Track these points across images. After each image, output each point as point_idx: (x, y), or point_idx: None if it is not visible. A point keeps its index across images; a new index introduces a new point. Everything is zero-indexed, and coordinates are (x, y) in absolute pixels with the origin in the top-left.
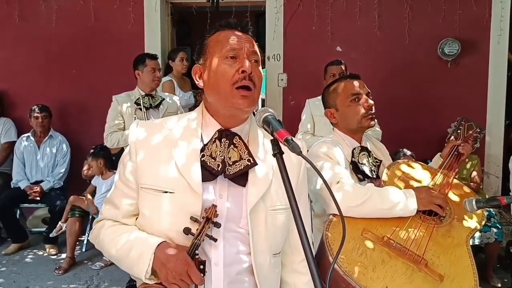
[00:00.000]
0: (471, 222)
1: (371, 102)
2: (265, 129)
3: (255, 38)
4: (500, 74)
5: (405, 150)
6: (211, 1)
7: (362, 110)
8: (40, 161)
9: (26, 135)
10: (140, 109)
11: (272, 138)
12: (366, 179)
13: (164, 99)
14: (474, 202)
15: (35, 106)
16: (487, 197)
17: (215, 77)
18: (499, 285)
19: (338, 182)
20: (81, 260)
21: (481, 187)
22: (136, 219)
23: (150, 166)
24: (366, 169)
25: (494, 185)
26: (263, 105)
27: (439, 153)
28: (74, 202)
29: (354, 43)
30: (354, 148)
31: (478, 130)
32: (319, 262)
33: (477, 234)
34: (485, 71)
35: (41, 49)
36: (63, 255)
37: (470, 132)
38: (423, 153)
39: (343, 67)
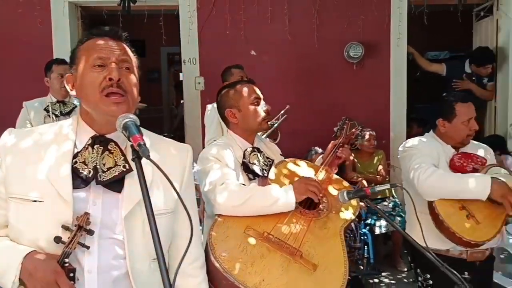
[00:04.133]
0: (347, 213)
1: (269, 107)
2: (124, 134)
3: (129, 45)
4: (401, 74)
5: (316, 148)
6: (122, 5)
7: (263, 113)
8: None
9: None
10: (49, 116)
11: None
12: (256, 178)
13: (76, 106)
14: (345, 194)
15: None
16: None
17: (84, 86)
18: (405, 269)
19: (222, 183)
20: None
21: (387, 179)
22: None
23: (19, 175)
24: (257, 169)
25: (400, 177)
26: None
27: (321, 155)
28: None
29: (267, 46)
30: (246, 149)
31: (360, 128)
32: (206, 261)
33: (384, 223)
34: (387, 71)
35: None
36: None
37: (353, 130)
38: None
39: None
